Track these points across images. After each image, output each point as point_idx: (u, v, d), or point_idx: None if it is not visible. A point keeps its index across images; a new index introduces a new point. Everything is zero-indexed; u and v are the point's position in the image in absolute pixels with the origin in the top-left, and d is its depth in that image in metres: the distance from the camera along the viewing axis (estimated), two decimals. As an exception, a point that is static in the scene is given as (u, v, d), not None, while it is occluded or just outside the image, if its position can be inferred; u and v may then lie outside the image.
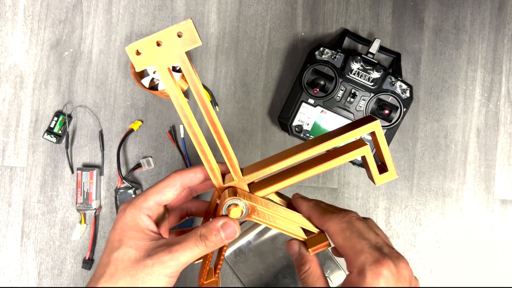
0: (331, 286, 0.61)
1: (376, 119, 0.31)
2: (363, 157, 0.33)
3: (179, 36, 0.28)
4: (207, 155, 0.32)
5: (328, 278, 0.61)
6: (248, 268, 0.61)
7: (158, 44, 0.28)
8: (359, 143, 0.32)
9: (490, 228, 0.63)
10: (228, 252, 0.62)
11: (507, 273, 0.62)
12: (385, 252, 0.30)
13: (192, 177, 0.35)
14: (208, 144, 0.33)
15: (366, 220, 0.35)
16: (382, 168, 0.34)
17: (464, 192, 0.63)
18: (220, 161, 0.35)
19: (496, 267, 0.63)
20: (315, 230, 0.36)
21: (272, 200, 0.36)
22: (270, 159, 0.33)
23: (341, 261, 0.63)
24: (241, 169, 0.34)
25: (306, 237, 0.37)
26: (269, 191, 0.34)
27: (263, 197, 0.34)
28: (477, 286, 0.63)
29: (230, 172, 0.34)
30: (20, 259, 0.64)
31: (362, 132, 0.31)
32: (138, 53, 0.28)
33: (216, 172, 0.33)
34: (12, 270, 0.64)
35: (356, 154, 0.32)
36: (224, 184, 0.34)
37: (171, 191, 0.35)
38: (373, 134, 0.32)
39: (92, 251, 0.64)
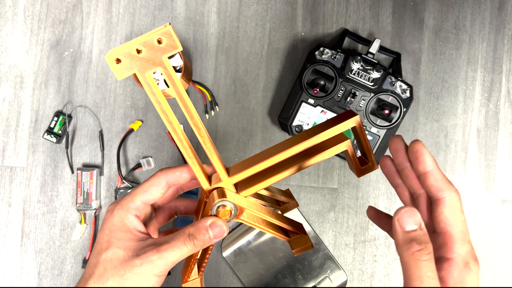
0: (331, 286, 0.61)
1: (357, 114, 0.32)
2: (345, 151, 0.33)
3: (159, 42, 0.27)
4: (193, 158, 0.33)
5: (328, 278, 0.61)
6: (248, 268, 0.61)
7: (138, 52, 0.27)
8: (341, 138, 0.33)
9: (490, 228, 0.63)
10: (228, 252, 0.62)
11: (507, 273, 0.62)
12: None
13: (178, 176, 0.35)
14: (193, 147, 0.33)
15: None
16: (364, 161, 0.35)
17: (464, 192, 0.63)
18: (206, 162, 0.35)
19: (496, 267, 0.63)
20: (299, 232, 0.37)
21: (260, 199, 0.37)
22: (255, 158, 0.34)
23: (341, 261, 0.63)
24: (228, 168, 0.34)
25: (289, 238, 0.38)
26: (255, 189, 0.34)
27: (251, 195, 0.35)
28: (476, 286, 0.63)
29: (216, 173, 0.34)
30: (20, 259, 0.64)
31: (344, 127, 0.32)
32: (118, 61, 0.27)
33: (203, 174, 0.33)
34: (12, 270, 0.64)
35: (339, 149, 0.33)
36: (211, 185, 0.34)
37: (158, 189, 0.35)
38: (354, 128, 0.33)
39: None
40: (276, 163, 0.33)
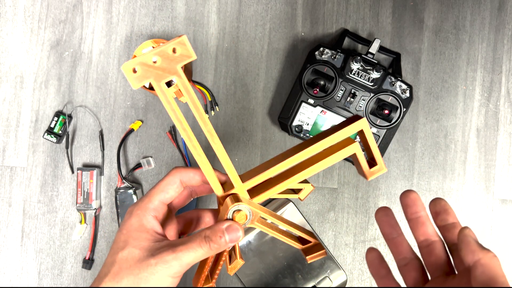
0: (331, 286, 0.62)
1: (362, 117, 0.32)
2: (353, 154, 0.33)
3: (174, 52, 0.28)
4: (207, 165, 0.33)
5: (328, 278, 0.61)
6: (248, 268, 0.61)
7: (154, 62, 0.29)
8: (348, 142, 0.33)
9: (490, 228, 0.63)
10: (228, 252, 0.62)
11: (507, 273, 0.62)
12: None
13: (191, 177, 0.36)
14: (206, 154, 0.33)
15: None
16: (371, 164, 0.35)
17: (464, 192, 0.63)
18: (218, 168, 0.35)
19: (496, 267, 0.63)
20: (312, 240, 0.38)
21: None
22: (266, 164, 0.34)
23: (341, 261, 0.63)
24: (240, 176, 0.34)
25: (302, 246, 0.38)
26: (269, 194, 0.35)
27: (264, 201, 0.35)
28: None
29: (229, 181, 0.34)
30: (20, 259, 0.64)
31: (351, 131, 0.32)
32: (134, 71, 0.28)
33: (216, 182, 0.34)
34: (12, 270, 0.64)
35: (347, 152, 0.33)
36: (224, 192, 0.34)
37: (173, 188, 0.35)
38: (361, 132, 0.33)
39: (92, 251, 0.64)
40: (287, 169, 0.34)
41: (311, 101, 0.58)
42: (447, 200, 0.63)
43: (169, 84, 0.56)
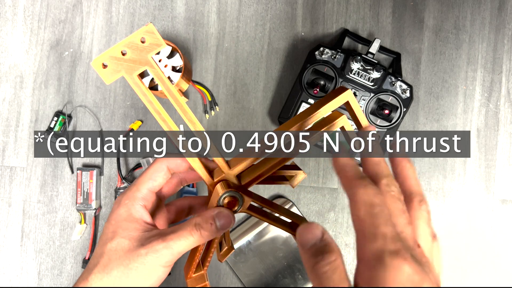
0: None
1: (347, 89, 0.31)
2: (342, 127, 0.33)
3: (142, 42, 0.28)
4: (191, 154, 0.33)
5: (328, 278, 0.61)
6: (248, 268, 0.61)
7: (123, 54, 0.28)
8: (335, 116, 0.32)
9: (490, 228, 0.63)
10: (228, 252, 0.62)
11: (507, 273, 0.62)
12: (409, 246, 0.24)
13: (178, 164, 0.35)
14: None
15: (410, 203, 0.27)
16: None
17: (464, 192, 0.63)
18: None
19: (496, 267, 0.63)
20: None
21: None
22: (253, 148, 0.33)
23: (341, 261, 0.63)
24: (228, 162, 0.34)
25: (294, 232, 0.38)
26: (258, 178, 0.34)
27: (255, 184, 0.35)
28: (477, 286, 0.63)
29: (217, 167, 0.34)
30: (20, 259, 0.64)
31: (337, 104, 0.32)
32: (104, 66, 0.28)
33: (203, 169, 0.33)
34: (12, 270, 0.64)
35: (335, 126, 0.32)
36: (213, 179, 0.34)
37: (161, 175, 0.35)
38: (347, 104, 0.32)
39: (92, 251, 0.64)
40: (275, 150, 0.33)
41: (311, 101, 0.58)
42: (447, 200, 0.63)
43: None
